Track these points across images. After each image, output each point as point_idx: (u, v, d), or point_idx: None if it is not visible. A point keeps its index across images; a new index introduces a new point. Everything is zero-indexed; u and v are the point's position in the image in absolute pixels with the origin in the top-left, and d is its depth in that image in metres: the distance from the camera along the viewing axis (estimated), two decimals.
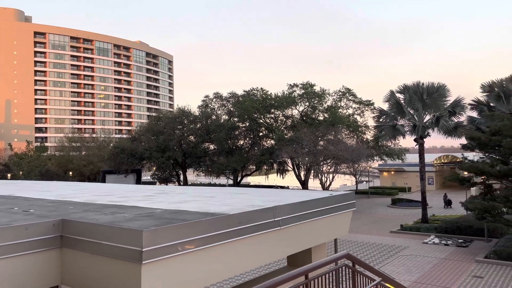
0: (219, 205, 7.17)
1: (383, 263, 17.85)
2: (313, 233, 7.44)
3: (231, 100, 47.10)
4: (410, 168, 52.83)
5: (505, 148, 18.30)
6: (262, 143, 46.89)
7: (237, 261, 6.04)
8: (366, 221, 30.61)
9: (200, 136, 44.10)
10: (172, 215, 5.95)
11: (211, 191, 10.48)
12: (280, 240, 6.67)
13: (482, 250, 19.59)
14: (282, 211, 6.57)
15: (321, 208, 7.40)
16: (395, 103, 29.33)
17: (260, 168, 48.49)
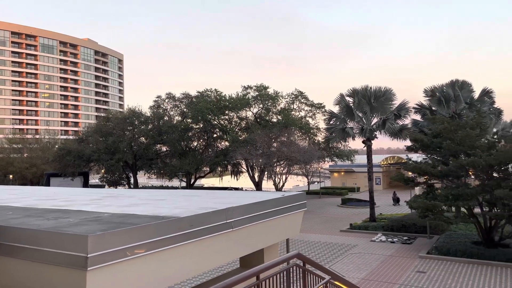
0: (170, 208, 7.03)
1: (333, 262, 18.36)
2: (265, 233, 7.49)
3: (184, 101, 46.45)
4: (359, 169, 54.76)
5: (445, 150, 19.47)
6: (216, 145, 46.66)
7: (189, 264, 5.96)
8: (318, 220, 31.35)
9: (151, 137, 43.06)
10: (120, 219, 5.77)
11: (162, 194, 10.26)
12: (233, 241, 6.66)
13: (425, 246, 20.71)
14: (234, 213, 6.56)
15: (273, 209, 7.48)
16: (345, 106, 30.33)
17: (214, 170, 48.19)
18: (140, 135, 43.96)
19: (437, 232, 23.53)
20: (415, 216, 23.27)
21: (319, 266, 6.62)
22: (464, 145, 18.76)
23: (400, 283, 14.94)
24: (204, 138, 46.55)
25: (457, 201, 18.21)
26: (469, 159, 18.05)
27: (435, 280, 15.33)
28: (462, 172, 19.31)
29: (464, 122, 20.60)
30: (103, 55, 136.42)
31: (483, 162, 17.43)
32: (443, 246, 19.23)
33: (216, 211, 6.28)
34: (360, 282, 15.07)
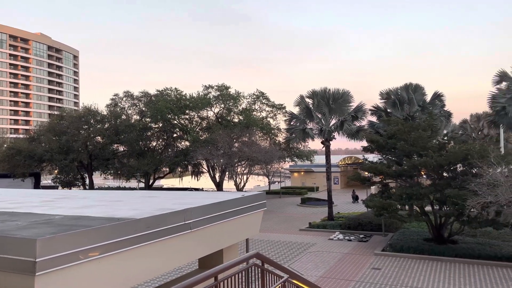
0: (126, 210, 6.85)
1: (292, 260, 18.60)
2: (224, 234, 7.47)
3: (143, 99, 45.39)
4: (318, 168, 55.85)
5: (399, 150, 20.26)
6: (176, 145, 45.96)
7: (146, 267, 5.83)
8: (278, 220, 31.66)
9: (108, 137, 41.71)
10: (73, 221, 5.56)
11: (118, 195, 9.97)
12: (191, 242, 6.58)
13: (380, 244, 21.44)
14: (193, 214, 6.49)
15: (233, 209, 7.47)
16: (304, 108, 30.85)
17: (174, 170, 47.46)
18: (96, 134, 42.44)
19: (392, 230, 24.44)
20: (371, 214, 24.04)
21: (277, 265, 6.68)
22: (416, 146, 19.60)
23: (356, 280, 15.38)
24: (163, 138, 45.72)
25: (411, 200, 19.00)
26: (421, 160, 18.89)
27: (389, 276, 15.91)
28: (415, 172, 20.17)
29: (417, 124, 21.52)
30: (57, 51, 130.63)
31: (434, 162, 18.30)
32: (397, 243, 19.99)
33: (174, 212, 6.19)
34: (318, 280, 15.36)
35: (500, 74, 24.36)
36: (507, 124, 24.78)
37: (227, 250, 8.07)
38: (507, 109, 23.69)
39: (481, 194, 14.16)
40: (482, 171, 15.31)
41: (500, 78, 24.42)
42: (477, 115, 48.44)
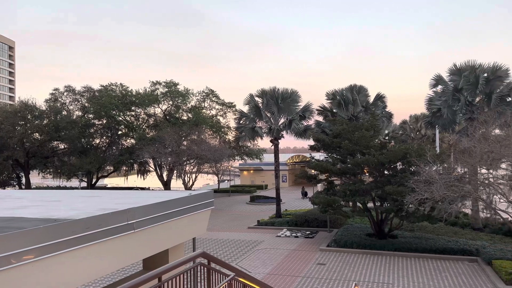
0: (65, 210, 6.51)
1: (240, 258, 18.66)
2: (170, 234, 7.31)
3: (85, 95, 43.31)
4: (267, 167, 56.51)
5: (344, 149, 20.98)
6: (121, 142, 44.38)
7: (87, 269, 5.57)
8: (226, 218, 31.62)
9: (47, 133, 39.37)
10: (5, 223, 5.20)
11: (57, 195, 9.46)
12: (135, 243, 6.38)
13: (325, 240, 22.09)
14: (137, 214, 6.29)
15: (179, 208, 7.33)
16: (254, 106, 31.04)
17: (119, 169, 45.84)
18: (33, 130, 39.88)
19: (337, 226, 25.27)
20: (317, 211, 24.70)
21: (224, 263, 6.65)
22: (360, 145, 20.40)
23: (302, 276, 15.72)
24: (107, 135, 43.95)
25: (354, 196, 19.74)
26: (364, 158, 19.69)
27: (334, 271, 16.44)
28: (358, 170, 20.99)
29: (360, 124, 22.40)
30: None
31: (376, 160, 19.15)
32: (341, 238, 20.70)
33: (116, 212, 5.96)
34: (265, 277, 15.53)
35: (436, 78, 25.99)
36: (442, 125, 26.49)
37: (173, 250, 7.92)
38: (442, 111, 25.32)
39: (418, 191, 15.01)
40: (419, 169, 16.24)
41: (436, 82, 26.05)
42: (415, 116, 51.42)
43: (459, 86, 24.43)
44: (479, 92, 24.41)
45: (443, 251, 18.52)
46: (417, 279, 15.23)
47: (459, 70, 24.89)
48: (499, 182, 15.69)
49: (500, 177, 16.10)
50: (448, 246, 18.79)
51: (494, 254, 16.86)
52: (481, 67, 24.20)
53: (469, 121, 23.85)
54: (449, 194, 14.31)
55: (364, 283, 14.75)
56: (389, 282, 14.86)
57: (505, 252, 17.09)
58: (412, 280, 15.11)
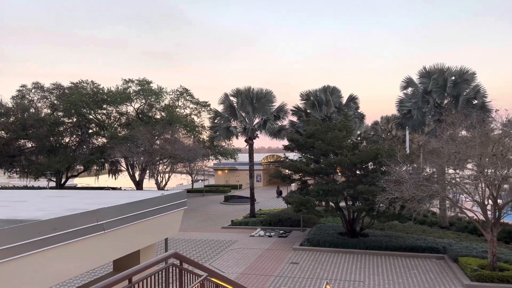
0: (31, 211, 6.29)
1: (214, 258, 18.57)
2: (142, 234, 7.19)
3: (55, 92, 42.02)
4: (242, 166, 56.48)
5: (317, 149, 21.22)
6: (92, 141, 43.34)
7: (54, 271, 5.40)
8: (200, 218, 31.41)
9: (14, 131, 37.98)
10: None
11: (23, 195, 9.13)
12: (105, 244, 6.23)
13: (298, 239, 22.28)
14: (107, 214, 6.15)
15: (151, 208, 7.21)
16: (229, 106, 30.96)
17: (89, 169, 44.74)
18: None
19: (310, 225, 25.54)
20: (291, 211, 24.88)
21: (196, 264, 6.59)
22: (333, 145, 20.69)
23: (275, 275, 15.80)
24: (77, 134, 42.81)
25: (327, 196, 20.00)
26: (337, 158, 19.98)
27: (306, 269, 16.60)
28: (331, 170, 21.28)
29: (333, 125, 22.71)
30: None
31: (348, 160, 19.46)
32: (314, 237, 20.93)
33: (85, 212, 5.81)
34: (239, 277, 15.51)
35: (406, 80, 26.67)
36: (412, 126, 27.21)
37: (144, 251, 7.79)
38: (412, 113, 26.00)
39: (389, 190, 15.36)
40: (390, 169, 16.62)
41: (407, 84, 26.73)
42: (386, 118, 52.63)
43: (428, 89, 25.16)
44: (447, 95, 25.22)
45: (412, 249, 19.03)
46: (387, 276, 15.58)
47: (428, 73, 25.64)
48: (465, 181, 16.26)
49: (466, 177, 16.67)
50: (417, 244, 19.32)
51: (460, 252, 17.45)
52: (449, 71, 25.01)
53: (437, 122, 24.59)
54: (418, 193, 14.70)
55: (336, 281, 14.97)
56: (361, 280, 15.13)
57: (470, 250, 17.72)
58: (382, 277, 15.45)
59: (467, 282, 14.46)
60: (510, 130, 15.88)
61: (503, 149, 15.13)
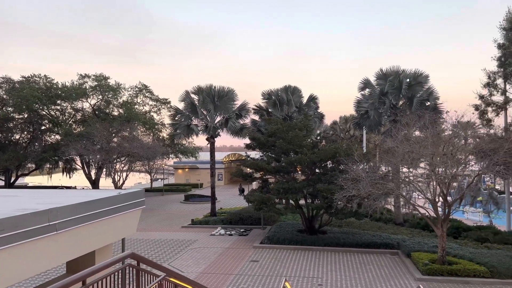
0: None
1: (173, 258, 18.29)
2: (97, 234, 6.94)
3: (4, 86, 39.78)
4: (203, 165, 56.02)
5: (278, 148, 21.42)
6: (45, 138, 41.46)
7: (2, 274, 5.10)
8: (159, 218, 30.84)
9: None
10: None
11: None
12: (57, 245, 5.97)
13: (259, 237, 22.40)
14: (60, 214, 5.89)
15: (106, 208, 6.98)
16: (190, 103, 30.57)
17: (42, 167, 42.76)
18: None
19: (270, 223, 25.74)
20: (251, 209, 24.97)
21: (154, 264, 6.45)
22: (293, 144, 20.96)
23: (235, 274, 15.80)
24: (29, 130, 40.79)
25: (287, 194, 20.24)
26: (297, 157, 20.26)
27: (266, 267, 16.73)
28: (291, 168, 21.55)
29: (294, 124, 23.01)
30: None
31: (308, 159, 19.80)
32: (274, 235, 21.13)
33: (36, 212, 5.53)
34: (198, 276, 15.38)
35: (364, 81, 27.49)
36: (369, 126, 28.10)
37: (100, 252, 7.53)
38: (369, 113, 26.84)
39: (346, 188, 15.78)
40: (348, 168, 17.08)
41: (364, 85, 27.56)
42: (345, 118, 54.03)
43: (384, 90, 26.06)
44: (402, 96, 26.24)
45: (368, 245, 19.66)
46: (344, 272, 16.00)
47: (385, 75, 26.56)
48: (418, 180, 17.01)
49: (419, 175, 17.45)
50: (373, 240, 19.98)
51: (413, 247, 18.23)
52: (404, 73, 26.04)
53: (393, 123, 25.52)
54: (374, 191, 15.20)
55: (295, 278, 15.19)
56: (319, 276, 15.44)
57: (422, 245, 18.55)
58: (340, 273, 15.85)
59: (418, 276, 15.12)
60: (459, 131, 16.78)
61: (453, 149, 15.96)
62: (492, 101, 21.51)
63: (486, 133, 19.94)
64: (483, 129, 20.90)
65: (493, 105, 21.51)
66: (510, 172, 16.00)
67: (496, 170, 15.38)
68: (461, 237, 21.58)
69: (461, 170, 16.20)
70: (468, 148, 16.52)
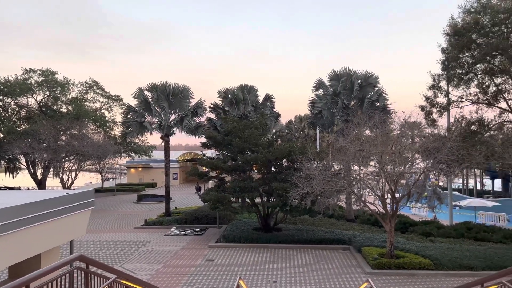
0: None
1: (125, 260, 17.77)
2: (42, 237, 6.59)
3: None
4: (157, 164, 54.91)
5: (235, 147, 21.41)
6: None
7: None
8: (111, 219, 29.85)
9: None
10: None
11: None
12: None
13: (214, 236, 22.29)
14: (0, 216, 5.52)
15: (53, 209, 6.64)
16: (143, 101, 29.80)
17: None
18: None
19: (226, 222, 25.70)
20: (207, 208, 24.79)
21: (104, 266, 6.23)
22: (249, 143, 21.04)
23: (190, 273, 15.62)
24: None
25: (243, 192, 20.29)
26: (253, 156, 20.36)
27: (221, 266, 16.68)
28: (247, 167, 21.62)
29: (250, 123, 23.09)
30: None
31: (263, 158, 19.95)
32: (229, 234, 21.11)
33: None
34: (152, 277, 15.05)
35: (318, 82, 28.13)
36: (322, 126, 28.81)
37: (46, 255, 7.15)
38: (323, 113, 27.51)
39: (301, 186, 16.07)
40: (302, 166, 17.39)
41: (318, 86, 28.21)
42: (300, 117, 55.04)
43: (337, 91, 26.82)
44: (353, 97, 27.13)
45: (321, 241, 20.16)
46: (298, 268, 16.29)
47: (337, 76, 27.34)
48: (368, 177, 17.66)
49: (369, 173, 18.11)
50: (326, 237, 20.50)
51: (363, 242, 18.91)
52: (356, 74, 26.93)
53: (345, 122, 26.33)
54: (327, 188, 15.60)
55: (250, 276, 15.26)
56: (274, 273, 15.62)
57: (372, 240, 19.30)
58: (294, 270, 16.12)
59: (368, 270, 15.71)
60: (406, 130, 17.61)
61: (401, 147, 16.73)
62: (436, 102, 22.74)
63: (431, 133, 21.09)
64: (428, 129, 22.08)
65: (437, 106, 22.75)
66: (452, 169, 17.03)
67: (440, 168, 16.31)
68: (408, 231, 22.69)
69: (408, 168, 17.02)
70: (414, 147, 17.39)
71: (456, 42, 20.67)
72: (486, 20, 20.07)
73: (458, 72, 21.55)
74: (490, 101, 21.83)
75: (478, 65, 21.20)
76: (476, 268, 15.41)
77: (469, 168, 33.18)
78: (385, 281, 14.56)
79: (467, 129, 21.34)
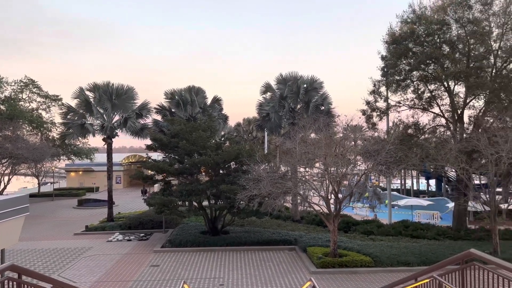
0: None
1: (64, 268, 16.82)
2: None
3: None
4: (99, 167, 52.62)
5: (182, 149, 21.05)
6: None
7: None
8: (49, 225, 28.16)
9: None
10: None
11: None
12: None
13: (160, 241, 21.76)
14: None
15: None
16: (84, 101, 28.48)
17: None
18: None
19: (172, 226, 25.18)
20: (152, 212, 24.14)
21: (40, 275, 5.85)
22: (197, 145, 20.80)
23: (134, 280, 15.11)
24: None
25: (190, 196, 20.00)
26: (201, 158, 20.15)
27: (167, 271, 16.31)
28: (195, 170, 21.36)
29: (198, 125, 22.84)
30: None
31: (211, 160, 19.81)
32: (176, 238, 20.70)
33: None
34: (93, 286, 14.37)
35: (266, 85, 28.50)
36: (270, 128, 29.19)
37: None
38: (270, 116, 27.90)
39: (248, 188, 16.16)
40: (250, 168, 17.50)
41: (266, 89, 28.59)
42: (248, 120, 55.36)
43: (284, 94, 27.33)
44: (300, 101, 27.79)
45: (268, 242, 20.38)
46: (245, 270, 16.33)
47: (284, 80, 27.87)
48: (313, 179, 18.15)
49: (314, 174, 18.62)
50: (272, 238, 20.76)
51: (309, 242, 19.37)
52: (302, 79, 27.60)
53: (291, 125, 26.88)
54: (274, 190, 15.82)
55: (196, 280, 15.06)
56: (220, 277, 15.53)
57: (317, 240, 19.83)
58: (241, 272, 16.13)
59: (313, 269, 16.11)
60: (349, 133, 18.32)
61: (343, 150, 17.37)
62: (376, 107, 23.90)
63: (371, 136, 22.11)
64: (369, 132, 23.14)
65: (377, 111, 23.91)
66: (390, 171, 17.96)
67: (380, 169, 17.13)
68: (351, 231, 23.58)
69: (350, 169, 17.71)
70: (356, 149, 18.13)
71: (394, 50, 21.88)
72: (421, 30, 21.45)
73: (396, 79, 22.82)
74: (425, 106, 23.32)
75: (414, 72, 22.57)
76: (413, 264, 16.34)
77: (406, 169, 35.20)
78: (328, 280, 15.00)
79: (404, 132, 22.64)
